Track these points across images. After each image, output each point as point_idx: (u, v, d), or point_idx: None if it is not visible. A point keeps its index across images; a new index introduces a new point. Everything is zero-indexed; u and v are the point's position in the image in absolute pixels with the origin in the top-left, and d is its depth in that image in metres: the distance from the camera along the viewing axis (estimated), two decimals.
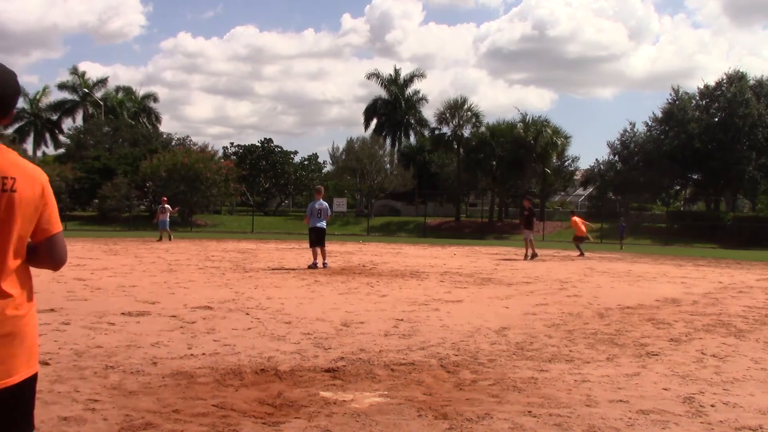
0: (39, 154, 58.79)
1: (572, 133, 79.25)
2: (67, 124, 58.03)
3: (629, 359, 5.60)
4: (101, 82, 58.21)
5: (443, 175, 52.47)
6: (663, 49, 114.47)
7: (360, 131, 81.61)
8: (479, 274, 13.14)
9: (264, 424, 3.70)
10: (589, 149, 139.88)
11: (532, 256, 18.25)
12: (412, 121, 56.26)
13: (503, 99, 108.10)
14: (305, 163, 53.66)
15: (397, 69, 55.99)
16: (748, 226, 37.54)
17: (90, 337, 5.89)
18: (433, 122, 48.76)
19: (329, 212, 14.67)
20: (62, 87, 56.80)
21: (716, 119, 43.64)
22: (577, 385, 4.67)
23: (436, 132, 48.40)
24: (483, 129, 45.67)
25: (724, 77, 44.64)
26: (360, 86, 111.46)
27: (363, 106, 74.49)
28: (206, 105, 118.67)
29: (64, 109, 57.90)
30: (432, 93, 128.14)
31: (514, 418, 3.90)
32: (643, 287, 11.60)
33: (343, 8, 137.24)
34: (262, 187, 52.29)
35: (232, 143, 52.60)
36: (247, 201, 50.68)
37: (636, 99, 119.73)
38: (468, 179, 48.92)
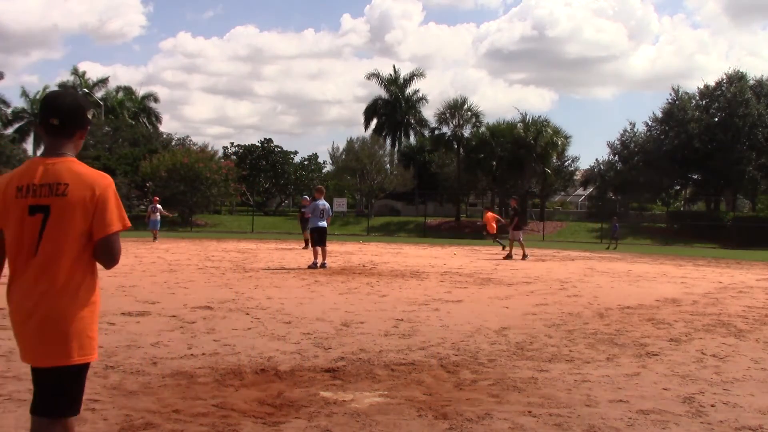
0: (38, 153, 58.79)
1: (572, 133, 79.11)
2: None
3: (629, 359, 5.60)
4: (102, 82, 58.26)
5: (443, 175, 52.45)
6: (662, 49, 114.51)
7: (360, 131, 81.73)
8: (479, 274, 13.14)
9: (264, 424, 3.70)
10: (589, 149, 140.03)
11: (523, 256, 18.22)
12: (412, 121, 56.21)
13: (503, 99, 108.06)
14: (305, 163, 53.62)
15: (397, 69, 56.03)
16: (748, 226, 37.53)
17: None
18: (433, 122, 48.72)
19: (330, 213, 14.69)
20: (63, 87, 56.85)
21: (716, 119, 43.62)
22: (577, 385, 4.67)
23: (436, 132, 48.35)
24: (483, 129, 45.64)
25: (724, 77, 44.64)
26: (360, 86, 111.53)
27: (363, 106, 74.46)
28: (206, 105, 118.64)
29: None
30: (432, 93, 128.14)
31: (514, 418, 3.90)
32: (643, 287, 11.60)
33: (343, 8, 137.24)
34: (262, 187, 52.26)
35: (232, 143, 52.62)
36: (247, 201, 50.64)
37: (636, 99, 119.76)
38: (468, 179, 48.89)
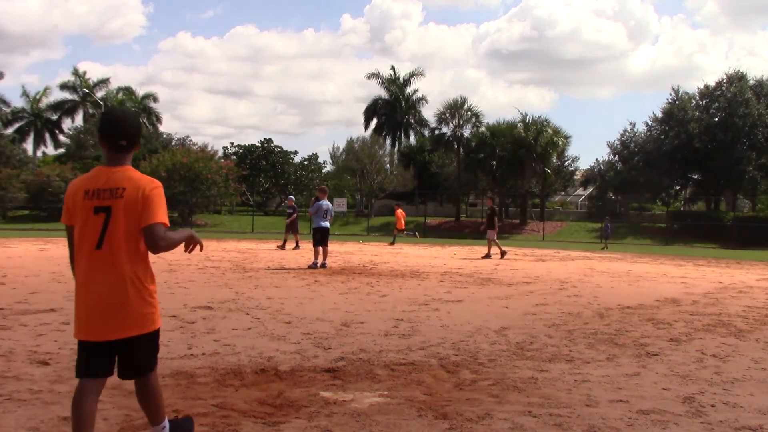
0: (39, 154, 58.80)
1: (572, 133, 79.31)
2: (67, 124, 58.12)
3: (629, 359, 5.59)
4: (103, 82, 58.24)
5: (443, 175, 52.47)
6: (662, 49, 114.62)
7: (360, 131, 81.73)
8: (479, 274, 13.13)
9: (264, 424, 3.70)
10: (589, 149, 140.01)
11: (501, 254, 18.19)
12: (412, 121, 56.23)
13: (503, 99, 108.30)
14: (305, 163, 53.63)
15: (397, 69, 56.01)
16: (748, 226, 37.54)
17: None
18: (433, 122, 48.79)
19: (332, 213, 14.75)
20: (64, 87, 56.86)
21: (716, 119, 43.63)
22: (577, 385, 4.67)
23: (436, 132, 48.38)
24: (483, 129, 45.66)
25: (724, 77, 44.69)
26: (360, 86, 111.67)
27: (363, 106, 74.57)
28: (206, 105, 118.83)
29: (64, 109, 57.88)
30: (432, 93, 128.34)
31: (514, 418, 3.90)
32: (643, 287, 11.59)
33: (343, 8, 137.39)
34: (262, 187, 52.25)
35: (232, 143, 52.67)
36: (247, 201, 50.65)
37: (636, 99, 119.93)
38: (468, 179, 48.92)
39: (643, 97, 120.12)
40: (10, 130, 54.12)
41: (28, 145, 56.66)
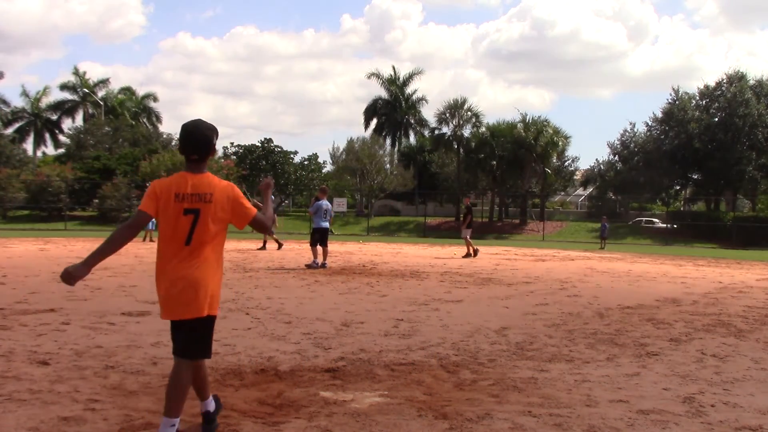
0: (39, 154, 58.81)
1: (572, 133, 79.38)
2: (67, 124, 58.12)
3: (629, 359, 5.59)
4: (103, 82, 58.24)
5: (443, 175, 52.46)
6: (662, 49, 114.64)
7: (360, 131, 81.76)
8: (479, 274, 13.13)
9: (264, 424, 3.70)
10: (589, 149, 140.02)
11: (474, 252, 18.13)
12: (412, 121, 56.23)
13: (503, 99, 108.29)
14: (305, 163, 53.57)
15: (397, 69, 56.01)
16: (748, 226, 37.54)
17: (90, 337, 5.89)
18: (433, 122, 48.81)
19: (332, 213, 14.81)
20: (64, 87, 56.87)
21: (716, 119, 43.64)
22: (577, 385, 4.67)
23: (436, 132, 48.40)
24: (483, 129, 45.68)
25: (724, 77, 44.71)
26: (360, 86, 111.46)
27: (363, 106, 74.54)
28: (206, 105, 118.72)
29: (65, 109, 57.90)
30: (432, 93, 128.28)
31: (514, 418, 3.90)
32: (643, 287, 11.59)
33: (343, 8, 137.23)
34: None
35: (232, 143, 52.46)
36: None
37: (636, 99, 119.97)
38: (468, 179, 48.92)
39: (643, 97, 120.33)
40: (10, 130, 54.17)
41: (28, 145, 56.75)
